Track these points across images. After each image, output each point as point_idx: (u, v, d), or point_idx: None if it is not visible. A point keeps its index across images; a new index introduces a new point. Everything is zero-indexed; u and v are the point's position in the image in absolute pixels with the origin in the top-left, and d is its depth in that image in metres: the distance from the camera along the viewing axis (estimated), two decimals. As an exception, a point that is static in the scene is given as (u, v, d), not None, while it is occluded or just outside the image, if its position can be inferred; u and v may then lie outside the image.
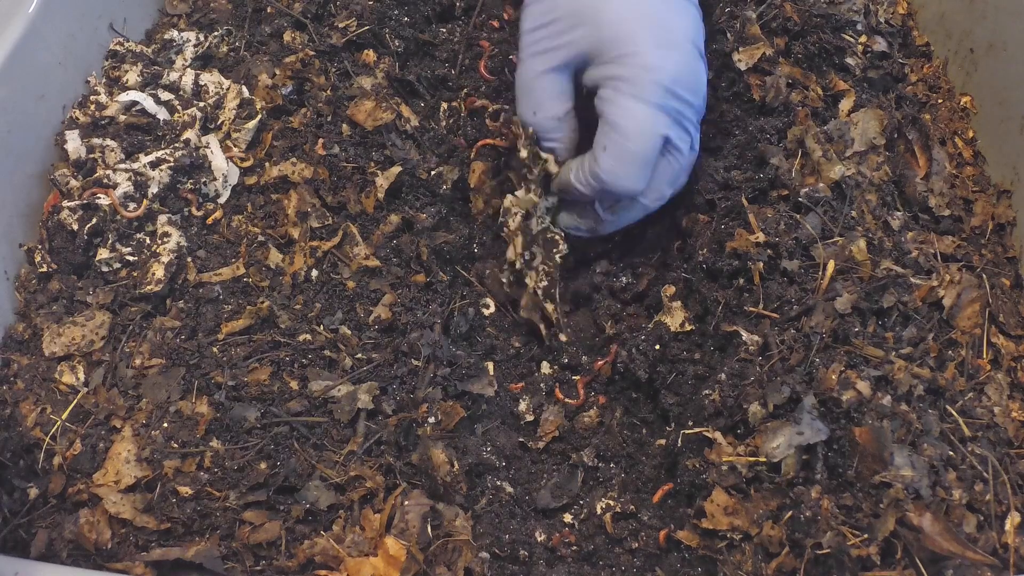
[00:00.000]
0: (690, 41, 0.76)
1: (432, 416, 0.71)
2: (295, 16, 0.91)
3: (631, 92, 0.74)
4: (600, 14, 0.75)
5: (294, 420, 0.69)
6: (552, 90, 0.79)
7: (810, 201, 0.77)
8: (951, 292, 0.74)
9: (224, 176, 0.82)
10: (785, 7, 0.89)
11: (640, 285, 0.87)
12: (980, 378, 0.71)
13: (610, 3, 0.75)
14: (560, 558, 0.74)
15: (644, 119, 0.74)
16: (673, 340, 0.80)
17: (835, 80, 0.86)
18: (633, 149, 0.74)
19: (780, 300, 0.74)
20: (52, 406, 0.70)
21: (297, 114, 0.85)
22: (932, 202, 0.82)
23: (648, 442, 0.80)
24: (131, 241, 0.78)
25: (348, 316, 0.76)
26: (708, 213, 0.84)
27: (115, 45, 0.90)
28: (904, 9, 0.99)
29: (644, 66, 0.73)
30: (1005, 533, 0.62)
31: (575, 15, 0.76)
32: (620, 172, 0.75)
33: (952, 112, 0.92)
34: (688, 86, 0.75)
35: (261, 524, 0.65)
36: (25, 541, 0.64)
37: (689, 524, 0.69)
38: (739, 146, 0.85)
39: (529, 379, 0.85)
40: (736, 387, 0.71)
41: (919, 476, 0.62)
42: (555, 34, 0.78)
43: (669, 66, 0.73)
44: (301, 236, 0.79)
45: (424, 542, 0.64)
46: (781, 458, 0.65)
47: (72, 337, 0.74)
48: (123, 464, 0.66)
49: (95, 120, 0.83)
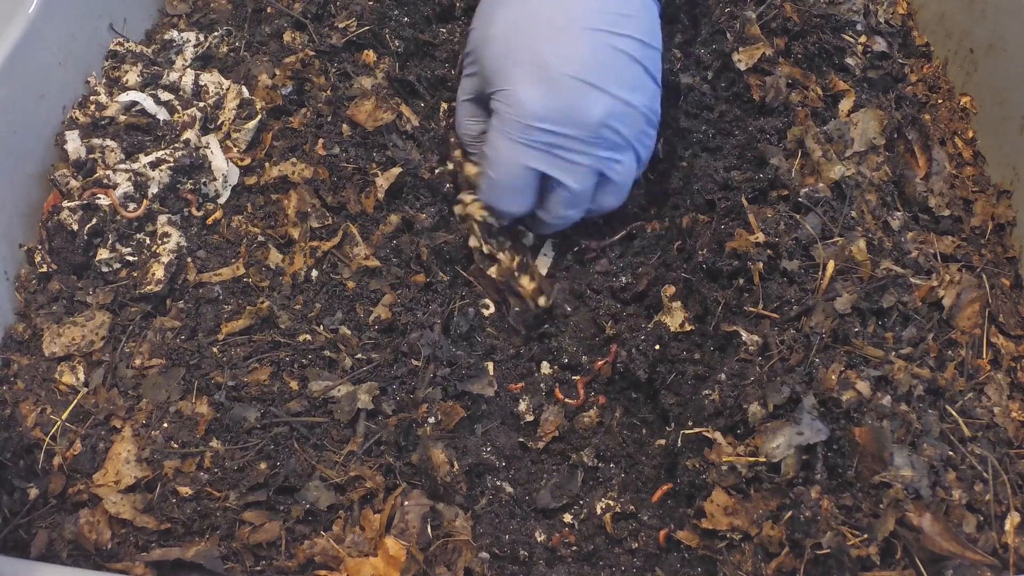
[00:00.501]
0: (571, 74, 0.76)
1: (432, 416, 0.71)
2: (295, 16, 0.91)
3: (498, 127, 0.79)
4: (484, 51, 0.81)
5: (294, 420, 0.69)
6: (467, 112, 0.88)
7: (810, 201, 0.77)
8: (951, 292, 0.74)
9: (224, 176, 0.82)
10: (785, 7, 0.89)
11: (640, 285, 0.87)
12: (980, 378, 0.71)
13: (490, 41, 0.80)
14: (560, 558, 0.74)
15: (506, 153, 0.79)
16: (673, 340, 0.80)
17: (835, 80, 0.86)
18: (496, 179, 0.81)
19: (780, 300, 0.74)
20: (52, 406, 0.70)
21: (297, 114, 0.85)
22: (932, 202, 0.82)
23: (648, 442, 0.80)
24: (131, 241, 0.78)
25: (348, 316, 0.76)
26: (708, 213, 0.84)
27: (115, 45, 0.90)
28: (904, 9, 0.99)
29: (510, 103, 0.78)
30: (1005, 533, 0.62)
31: (474, 51, 0.84)
32: (492, 197, 0.83)
33: (952, 112, 0.92)
34: (561, 120, 0.76)
35: (261, 524, 0.65)
36: (25, 541, 0.64)
37: (689, 524, 0.69)
38: (739, 146, 0.85)
39: (529, 379, 0.85)
40: (736, 387, 0.71)
41: (919, 476, 0.62)
42: (468, 64, 0.86)
43: (536, 103, 0.76)
44: (301, 236, 0.79)
45: (424, 542, 0.64)
46: (781, 458, 0.65)
47: (72, 337, 0.74)
48: (123, 464, 0.66)
49: (95, 120, 0.83)
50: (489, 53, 0.80)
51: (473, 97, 0.86)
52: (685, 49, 0.94)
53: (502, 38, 0.79)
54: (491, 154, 0.80)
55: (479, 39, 0.82)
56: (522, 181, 0.80)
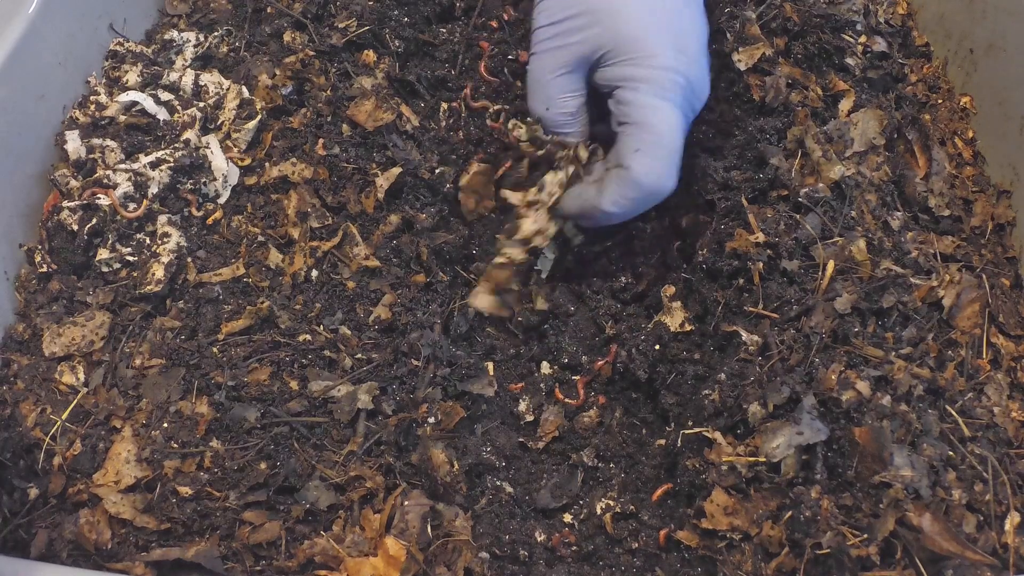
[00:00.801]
0: (702, 49, 0.78)
1: (432, 416, 0.71)
2: (295, 16, 0.91)
3: (656, 92, 0.74)
4: (618, 14, 0.75)
5: (294, 420, 0.69)
6: (565, 86, 0.80)
7: (810, 201, 0.77)
8: (951, 292, 0.74)
9: (224, 176, 0.82)
10: (785, 7, 0.89)
11: (640, 285, 0.87)
12: (980, 378, 0.71)
13: (629, 3, 0.75)
14: (560, 558, 0.74)
15: (673, 117, 0.74)
16: (673, 340, 0.80)
17: (835, 80, 0.86)
18: (669, 145, 0.74)
19: (780, 300, 0.74)
20: (52, 406, 0.70)
21: (297, 114, 0.85)
22: (932, 202, 0.82)
23: (648, 442, 0.80)
24: (131, 241, 0.78)
25: (348, 316, 0.76)
26: (708, 213, 0.84)
27: (115, 45, 0.90)
28: (904, 9, 0.99)
29: (665, 67, 0.74)
30: (1005, 533, 0.62)
31: (592, 13, 0.76)
32: (661, 171, 0.74)
33: (952, 112, 0.92)
34: (699, 93, 0.77)
35: (261, 524, 0.65)
36: (25, 541, 0.64)
37: (689, 524, 0.69)
38: (739, 146, 0.85)
39: (529, 379, 0.85)
40: (736, 387, 0.71)
41: (919, 476, 0.62)
42: (570, 31, 0.78)
43: (687, 70, 0.75)
44: (301, 236, 0.79)
45: (424, 542, 0.64)
46: (781, 458, 0.65)
47: (72, 337, 0.74)
48: (123, 464, 0.66)
49: (95, 120, 0.83)
50: (627, 16, 0.75)
51: (571, 70, 0.79)
52: (685, 49, 0.94)
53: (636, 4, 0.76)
54: (655, 121, 0.74)
55: (598, 5, 0.76)
56: (680, 146, 0.76)
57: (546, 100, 0.81)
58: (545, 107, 0.81)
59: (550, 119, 0.82)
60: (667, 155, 0.75)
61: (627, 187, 0.75)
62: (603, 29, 0.76)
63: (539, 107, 0.82)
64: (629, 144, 0.75)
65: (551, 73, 0.80)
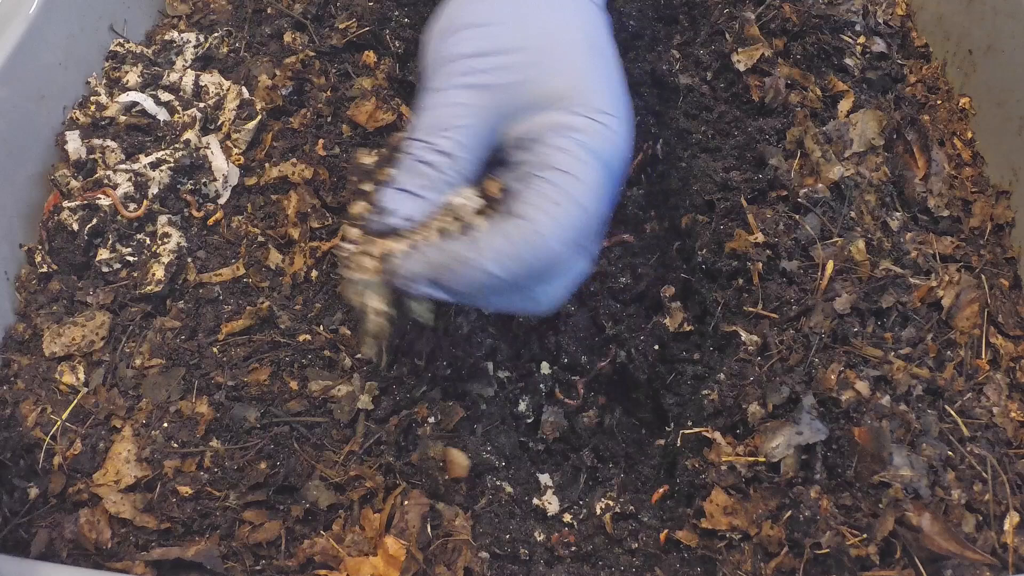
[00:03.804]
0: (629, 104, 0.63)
1: (432, 416, 0.72)
2: (295, 17, 0.92)
3: (593, 146, 0.58)
4: (563, 55, 0.62)
5: (294, 420, 0.69)
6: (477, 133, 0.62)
7: (809, 202, 0.77)
8: (950, 292, 0.74)
9: (224, 177, 0.82)
10: (784, 8, 0.89)
11: (640, 285, 0.87)
12: (979, 378, 0.71)
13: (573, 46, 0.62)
14: (559, 558, 0.74)
15: (602, 180, 0.59)
16: (672, 340, 0.80)
17: (834, 81, 0.87)
18: (590, 206, 0.57)
19: (779, 300, 0.74)
20: (52, 406, 0.70)
21: (297, 115, 0.85)
22: (931, 203, 0.82)
23: (648, 442, 0.80)
24: (131, 241, 0.78)
25: (348, 316, 0.76)
26: (707, 213, 0.84)
27: (115, 46, 0.90)
28: (903, 10, 0.99)
29: (610, 127, 0.60)
30: (1004, 533, 0.62)
31: (531, 51, 0.62)
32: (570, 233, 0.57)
33: (951, 113, 0.92)
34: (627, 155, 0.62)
35: (261, 524, 0.65)
36: (25, 541, 0.64)
37: (688, 524, 0.69)
38: (738, 147, 0.85)
39: (529, 379, 0.85)
40: (735, 387, 0.71)
41: (918, 476, 0.63)
42: (497, 68, 0.61)
43: (620, 127, 0.61)
44: (301, 236, 0.79)
45: (424, 542, 0.64)
46: (780, 458, 0.66)
47: (72, 337, 0.74)
48: (123, 464, 0.66)
49: (95, 121, 0.83)
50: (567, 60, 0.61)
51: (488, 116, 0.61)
52: (684, 50, 0.94)
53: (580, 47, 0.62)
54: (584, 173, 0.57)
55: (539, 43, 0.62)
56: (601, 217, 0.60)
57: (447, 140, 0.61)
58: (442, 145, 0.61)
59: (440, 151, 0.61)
60: (584, 216, 0.57)
61: (522, 242, 0.56)
62: (540, 72, 0.61)
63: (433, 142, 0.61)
64: (539, 192, 0.57)
65: (463, 119, 0.61)
